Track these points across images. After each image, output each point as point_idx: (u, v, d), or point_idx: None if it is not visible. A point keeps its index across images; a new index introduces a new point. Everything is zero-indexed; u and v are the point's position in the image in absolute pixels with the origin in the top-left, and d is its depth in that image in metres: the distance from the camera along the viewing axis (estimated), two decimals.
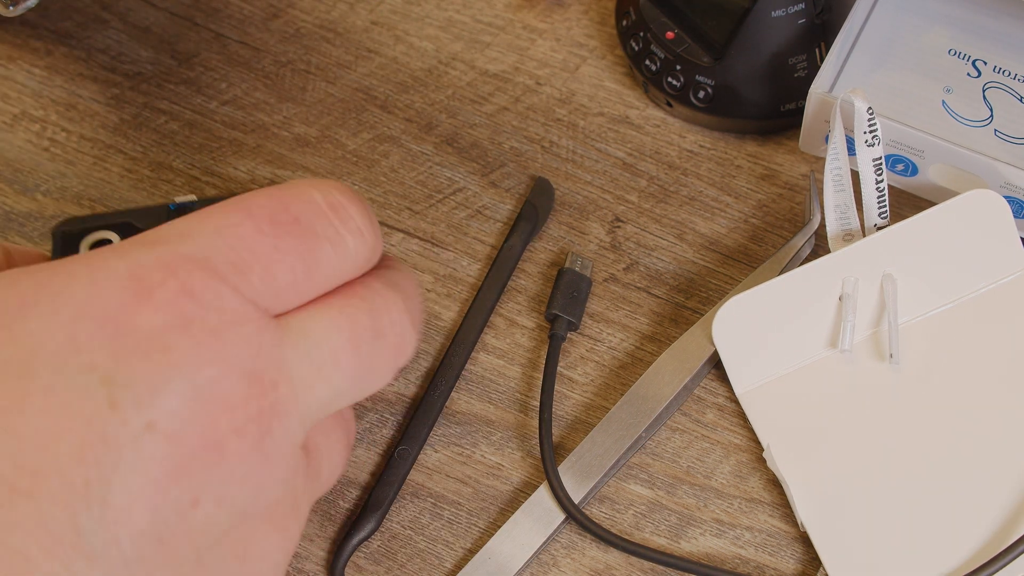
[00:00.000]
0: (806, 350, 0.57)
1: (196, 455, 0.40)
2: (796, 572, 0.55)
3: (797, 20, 0.61)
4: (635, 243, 0.62)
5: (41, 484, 0.38)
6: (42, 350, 0.39)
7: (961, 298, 0.58)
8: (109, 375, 0.39)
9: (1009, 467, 0.55)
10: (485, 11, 0.68)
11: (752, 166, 0.63)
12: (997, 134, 0.58)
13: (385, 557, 0.56)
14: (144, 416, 0.39)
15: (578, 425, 0.58)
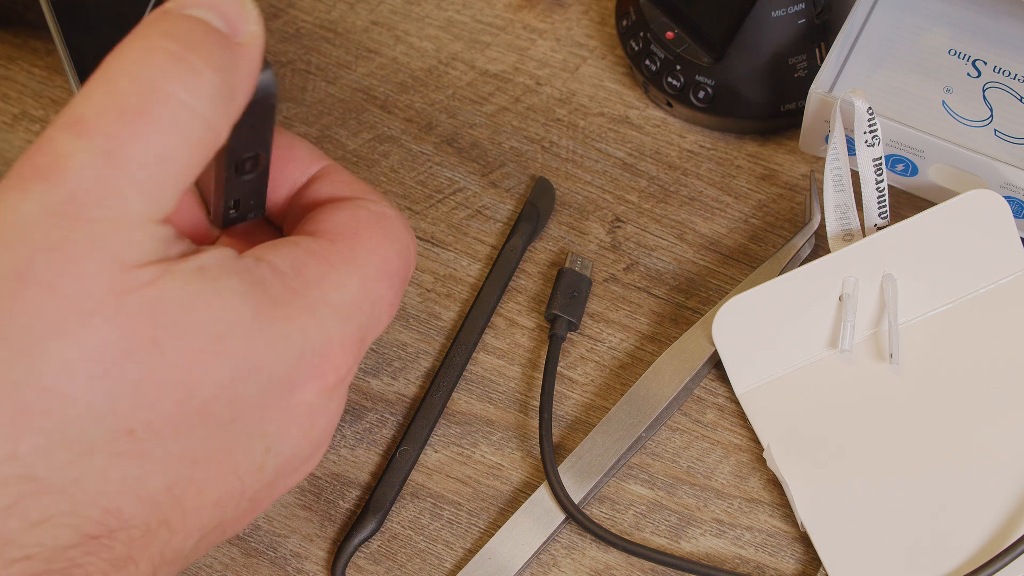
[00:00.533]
0: (806, 350, 0.57)
1: None
2: (796, 572, 0.55)
3: (797, 20, 0.61)
4: (635, 243, 0.62)
5: (181, 522, 0.45)
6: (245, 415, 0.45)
7: (961, 298, 0.58)
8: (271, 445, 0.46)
9: (1009, 467, 0.55)
10: (485, 11, 0.68)
11: (752, 166, 0.63)
12: (997, 134, 0.58)
13: (385, 557, 0.56)
14: None
15: (578, 425, 0.58)
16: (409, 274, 0.49)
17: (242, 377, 0.44)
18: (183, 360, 0.42)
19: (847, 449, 0.56)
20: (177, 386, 0.42)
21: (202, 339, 0.43)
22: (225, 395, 0.43)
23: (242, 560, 0.56)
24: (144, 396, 0.42)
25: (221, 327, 0.43)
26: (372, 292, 0.47)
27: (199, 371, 0.43)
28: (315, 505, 0.57)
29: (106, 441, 0.42)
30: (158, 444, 0.43)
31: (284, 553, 0.56)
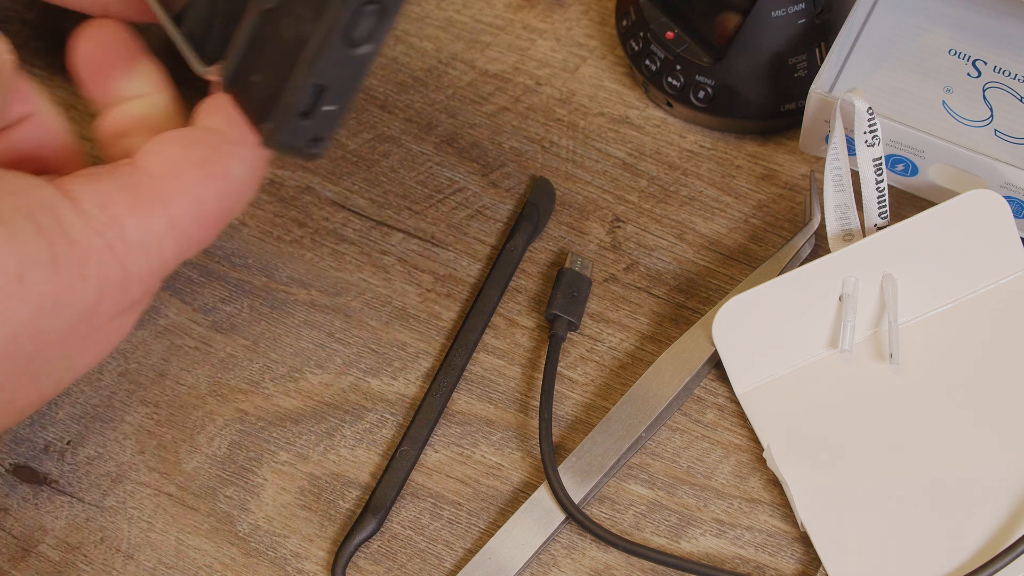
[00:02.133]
0: (806, 350, 0.57)
1: None
2: (796, 572, 0.55)
3: (797, 20, 0.61)
4: (635, 243, 0.62)
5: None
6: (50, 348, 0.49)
7: (961, 298, 0.58)
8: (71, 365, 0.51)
9: (1009, 467, 0.55)
10: (485, 11, 0.68)
11: (752, 166, 0.63)
12: (997, 134, 0.58)
13: (385, 557, 0.56)
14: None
15: (578, 425, 0.58)
16: (233, 211, 0.52)
17: (45, 315, 0.47)
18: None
19: (847, 449, 0.56)
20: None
21: (3, 278, 0.46)
22: (27, 331, 0.47)
23: (242, 560, 0.56)
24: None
25: (20, 269, 0.47)
26: (179, 230, 0.50)
27: (2, 308, 0.47)
28: (315, 505, 0.57)
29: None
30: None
31: (284, 553, 0.56)
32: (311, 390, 0.59)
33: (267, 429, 0.58)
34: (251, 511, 0.57)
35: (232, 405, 0.59)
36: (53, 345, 0.49)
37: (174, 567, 0.56)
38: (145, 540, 0.56)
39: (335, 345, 0.60)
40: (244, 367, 0.60)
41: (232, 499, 0.57)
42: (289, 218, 0.63)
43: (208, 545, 0.56)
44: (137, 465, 0.58)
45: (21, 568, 0.56)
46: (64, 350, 0.49)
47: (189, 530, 0.57)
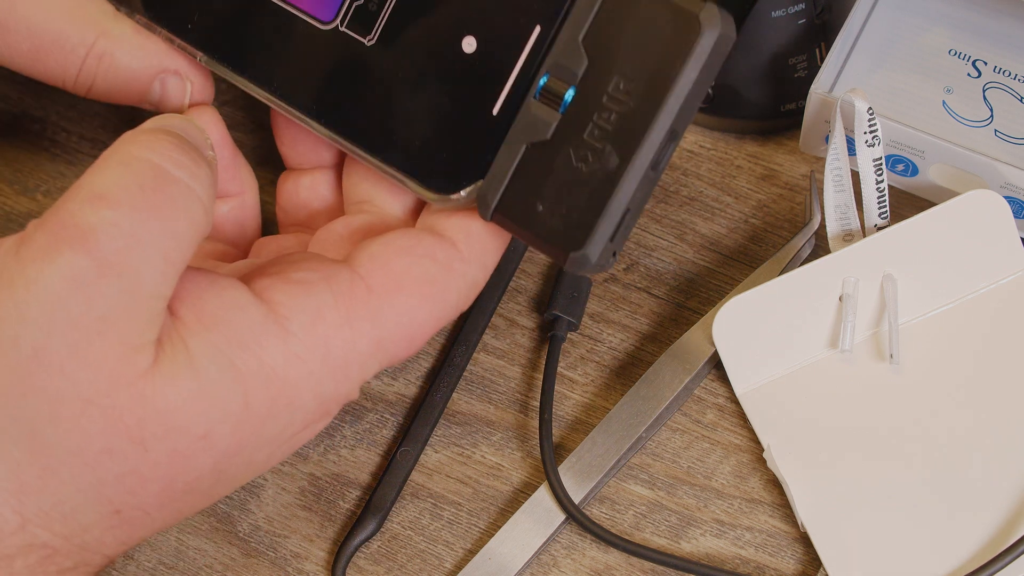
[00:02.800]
0: (806, 350, 0.57)
1: None
2: (796, 572, 0.55)
3: (797, 20, 0.61)
4: (635, 243, 0.62)
5: None
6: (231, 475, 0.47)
7: (961, 298, 0.58)
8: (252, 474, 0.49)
9: (1009, 467, 0.55)
10: None
11: (752, 166, 0.63)
12: (997, 134, 0.58)
13: (385, 558, 0.56)
14: None
15: (578, 425, 0.58)
16: (439, 328, 0.50)
17: (228, 459, 0.46)
18: (165, 459, 0.44)
19: (847, 449, 0.56)
20: (160, 479, 0.45)
21: (186, 440, 0.44)
22: (211, 475, 0.46)
23: (242, 560, 0.56)
24: (127, 486, 0.44)
25: (206, 427, 0.45)
26: (385, 351, 0.48)
27: (182, 465, 0.45)
28: (315, 505, 0.57)
29: (98, 518, 0.44)
30: (145, 517, 0.45)
31: (284, 553, 0.56)
32: None
33: None
34: (251, 511, 0.57)
35: None
36: (237, 477, 0.47)
37: (174, 567, 0.56)
38: (145, 540, 0.56)
39: None
40: None
41: (232, 499, 0.57)
42: None
43: (208, 545, 0.56)
44: None
45: None
46: (248, 471, 0.47)
47: (189, 530, 0.57)
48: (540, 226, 0.48)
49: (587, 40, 0.48)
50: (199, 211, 0.45)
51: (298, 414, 0.47)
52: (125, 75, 0.53)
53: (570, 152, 0.48)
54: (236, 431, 0.45)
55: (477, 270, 0.50)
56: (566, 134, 0.48)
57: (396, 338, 0.48)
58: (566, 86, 0.48)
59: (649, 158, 0.47)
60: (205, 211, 0.46)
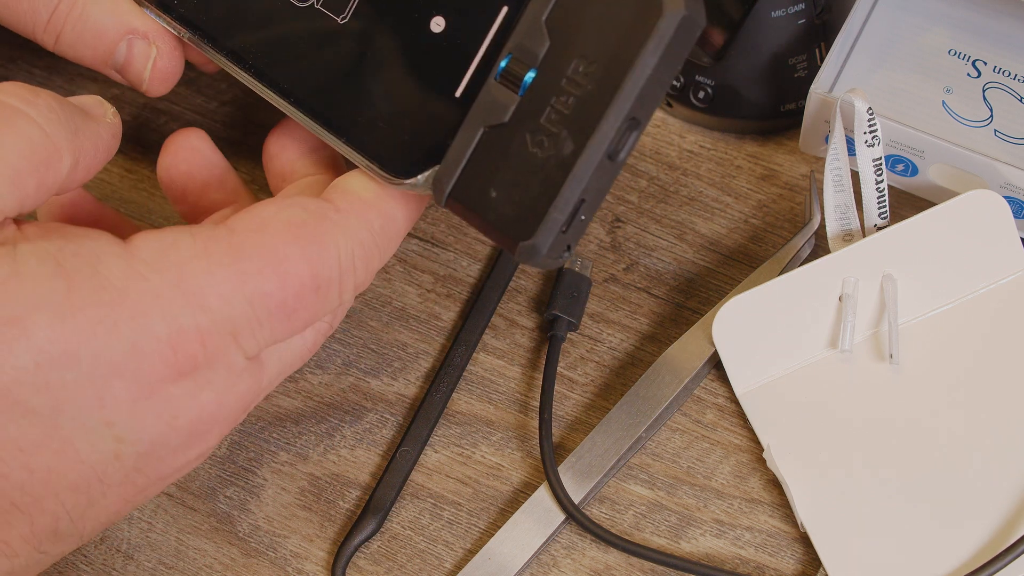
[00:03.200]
0: (806, 350, 0.57)
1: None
2: (796, 572, 0.55)
3: (797, 20, 0.61)
4: (635, 243, 0.62)
5: (34, 505, 0.44)
6: (71, 404, 0.44)
7: (961, 298, 0.58)
8: (121, 434, 0.45)
9: (1009, 467, 0.55)
10: None
11: (752, 166, 0.63)
12: (997, 134, 0.58)
13: (385, 558, 0.56)
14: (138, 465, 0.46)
15: (578, 425, 0.58)
16: (331, 288, 0.48)
17: (50, 363, 0.43)
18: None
19: (847, 449, 0.56)
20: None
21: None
22: (32, 381, 0.43)
23: (242, 560, 0.56)
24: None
25: (16, 310, 0.43)
26: (252, 287, 0.46)
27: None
28: (315, 505, 0.57)
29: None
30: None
31: (284, 553, 0.56)
32: (311, 390, 0.59)
33: (267, 429, 0.58)
34: (251, 511, 0.57)
35: None
36: (77, 403, 0.44)
37: (174, 567, 0.56)
38: (145, 540, 0.56)
39: (335, 345, 0.60)
40: None
41: (232, 499, 0.57)
42: None
43: (208, 545, 0.56)
44: None
45: None
46: (101, 414, 0.44)
47: (189, 530, 0.57)
48: (492, 213, 0.46)
49: (550, 21, 0.46)
50: (32, 129, 0.45)
51: (145, 341, 0.44)
52: (94, 29, 0.53)
53: (527, 137, 0.46)
54: (55, 327, 0.43)
55: (358, 225, 0.48)
56: (524, 118, 0.46)
57: (261, 271, 0.46)
58: (526, 68, 0.46)
59: (604, 146, 0.45)
60: (44, 134, 0.45)
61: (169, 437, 0.46)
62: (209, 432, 0.47)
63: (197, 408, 0.46)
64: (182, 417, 0.46)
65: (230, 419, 0.48)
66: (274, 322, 0.47)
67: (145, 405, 0.45)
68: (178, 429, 0.46)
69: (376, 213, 0.49)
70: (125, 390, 0.44)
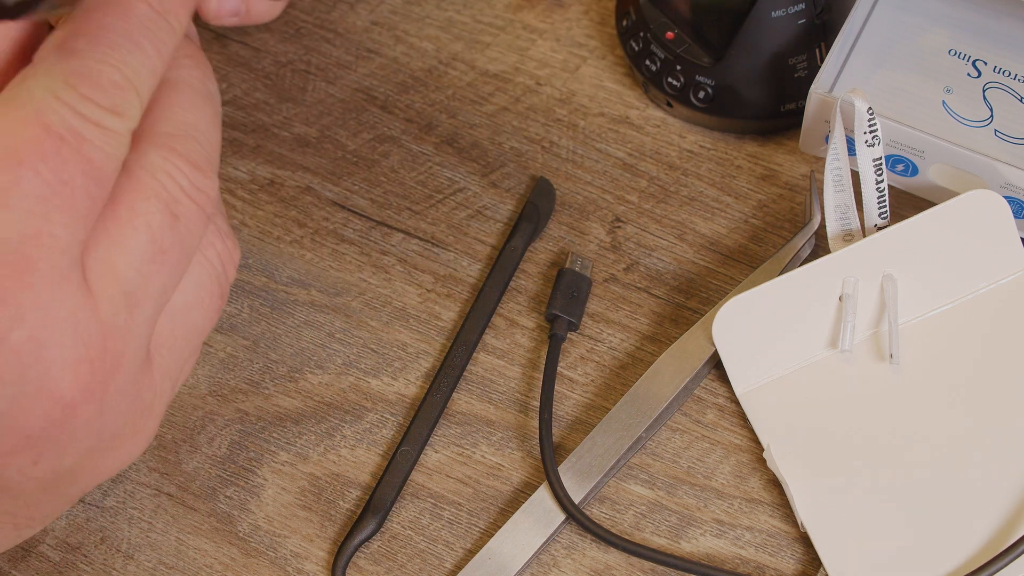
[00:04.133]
0: (806, 350, 0.57)
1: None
2: (796, 572, 0.55)
3: (797, 20, 0.61)
4: (635, 243, 0.62)
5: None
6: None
7: (961, 298, 0.58)
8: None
9: (1009, 467, 0.55)
10: (485, 11, 0.68)
11: (752, 166, 0.63)
12: (997, 134, 0.58)
13: (385, 557, 0.56)
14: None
15: (578, 425, 0.58)
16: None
17: None
18: None
19: (847, 449, 0.56)
20: None
21: None
22: None
23: (242, 560, 0.56)
24: None
25: None
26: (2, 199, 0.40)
27: None
28: (315, 505, 0.57)
29: None
30: None
31: (284, 553, 0.56)
32: (311, 390, 0.59)
33: (267, 429, 0.58)
34: (251, 511, 0.57)
35: (232, 405, 0.59)
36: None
37: (174, 567, 0.56)
38: (145, 540, 0.56)
39: (335, 345, 0.60)
40: (244, 367, 0.60)
41: (232, 499, 0.57)
42: (289, 218, 0.63)
43: (208, 545, 0.56)
44: (137, 465, 0.58)
45: (21, 568, 0.56)
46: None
47: (189, 530, 0.57)
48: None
49: None
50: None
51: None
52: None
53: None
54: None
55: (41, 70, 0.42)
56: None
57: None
58: None
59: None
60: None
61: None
62: (47, 374, 0.41)
63: (10, 351, 0.41)
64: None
65: (71, 358, 0.42)
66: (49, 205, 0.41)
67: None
68: (3, 379, 0.41)
69: None
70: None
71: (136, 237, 0.43)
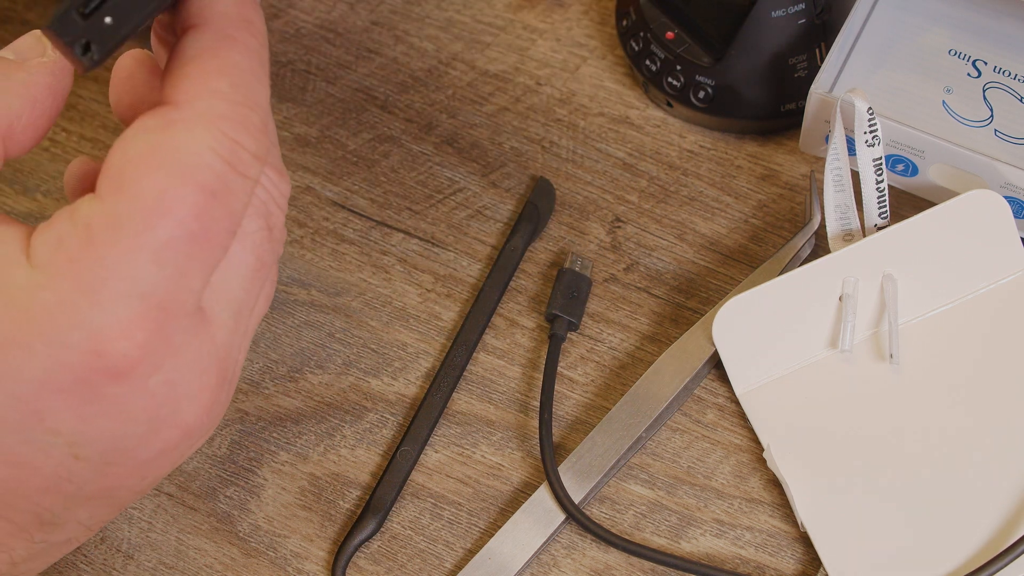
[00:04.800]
0: (806, 350, 0.57)
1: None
2: (796, 572, 0.55)
3: (797, 20, 0.61)
4: (635, 243, 0.62)
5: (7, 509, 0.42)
6: (8, 425, 0.41)
7: (961, 298, 0.58)
8: (73, 440, 0.42)
9: (1009, 467, 0.55)
10: (485, 11, 0.68)
11: (752, 166, 0.63)
12: (997, 134, 0.58)
13: (385, 557, 0.56)
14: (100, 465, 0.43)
15: (578, 425, 0.58)
16: (231, 176, 0.42)
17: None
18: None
19: (847, 449, 0.56)
20: None
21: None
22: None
23: (242, 560, 0.56)
24: None
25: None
26: (147, 247, 0.41)
27: None
28: (315, 505, 0.57)
29: None
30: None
31: (284, 553, 0.56)
32: (311, 390, 0.59)
33: (267, 429, 0.58)
34: (251, 511, 0.57)
35: (232, 405, 0.59)
36: (13, 419, 0.41)
37: (174, 567, 0.56)
38: (145, 540, 0.56)
39: (335, 345, 0.60)
40: (244, 367, 0.60)
41: (232, 499, 0.57)
42: (289, 218, 0.63)
43: (208, 545, 0.56)
44: None
45: None
46: (42, 425, 0.41)
47: (189, 530, 0.57)
48: None
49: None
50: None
51: (66, 352, 0.41)
52: None
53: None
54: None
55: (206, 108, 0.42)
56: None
57: (147, 223, 0.41)
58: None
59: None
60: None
61: (129, 429, 0.42)
62: (178, 411, 0.43)
63: (148, 396, 0.42)
64: (135, 409, 0.42)
65: (197, 390, 0.43)
66: (193, 260, 0.42)
67: (89, 410, 0.42)
68: (136, 420, 0.42)
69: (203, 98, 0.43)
70: (62, 403, 0.41)
71: (244, 258, 0.44)
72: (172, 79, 0.43)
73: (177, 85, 0.42)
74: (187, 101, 0.42)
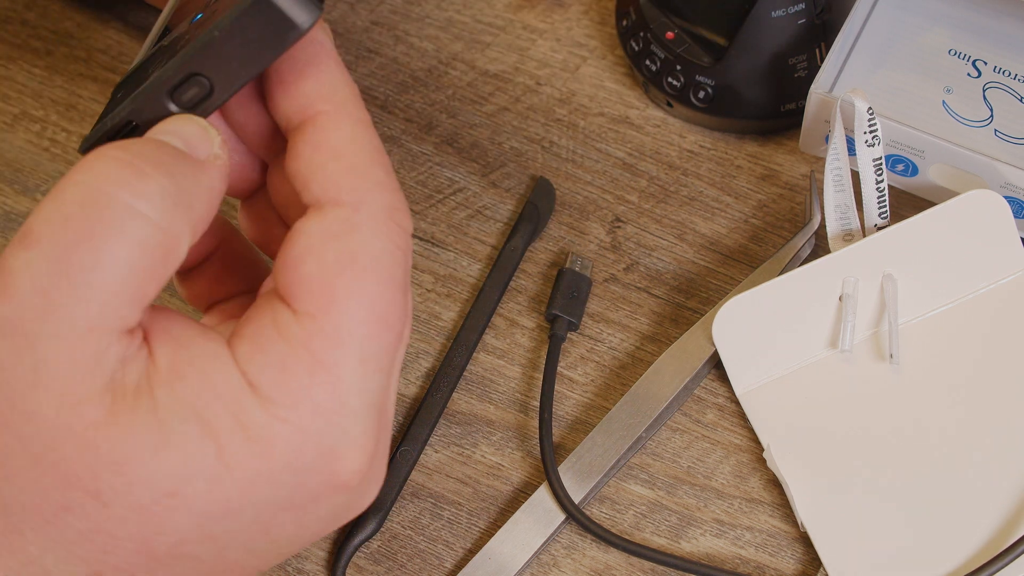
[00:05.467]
0: (806, 350, 0.57)
1: None
2: (796, 572, 0.55)
3: (797, 20, 0.61)
4: (635, 243, 0.62)
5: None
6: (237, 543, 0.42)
7: (961, 298, 0.58)
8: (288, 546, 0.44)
9: (1009, 467, 0.55)
10: (485, 11, 0.68)
11: (752, 166, 0.63)
12: (997, 134, 0.58)
13: (385, 557, 0.56)
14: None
15: (578, 425, 0.58)
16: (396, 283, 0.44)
17: (213, 521, 0.41)
18: (131, 515, 0.40)
19: (847, 449, 0.56)
20: (132, 537, 0.41)
21: (151, 495, 0.40)
22: (195, 537, 0.41)
23: None
24: (96, 544, 0.41)
25: (172, 483, 0.40)
26: (370, 363, 0.42)
27: (152, 525, 0.41)
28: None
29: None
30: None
31: None
32: None
33: None
34: None
35: None
36: (242, 541, 0.42)
37: None
38: None
39: None
40: None
41: None
42: None
43: None
44: None
45: None
46: (267, 538, 0.43)
47: None
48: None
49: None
50: (145, 230, 0.40)
51: (307, 476, 0.42)
52: None
53: (147, 72, 0.45)
54: (213, 490, 0.41)
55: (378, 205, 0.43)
56: (150, 62, 0.46)
57: (370, 334, 0.42)
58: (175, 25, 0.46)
59: (163, 85, 0.43)
60: (157, 228, 0.41)
61: (331, 525, 0.45)
62: (366, 494, 0.45)
63: (359, 502, 0.45)
64: (344, 517, 0.44)
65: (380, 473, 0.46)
66: (399, 356, 0.44)
67: (309, 519, 0.43)
68: (339, 519, 0.45)
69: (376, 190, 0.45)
70: (290, 517, 0.43)
71: (395, 304, 0.44)
72: (329, 174, 0.43)
73: (341, 182, 0.43)
74: (362, 201, 0.43)
